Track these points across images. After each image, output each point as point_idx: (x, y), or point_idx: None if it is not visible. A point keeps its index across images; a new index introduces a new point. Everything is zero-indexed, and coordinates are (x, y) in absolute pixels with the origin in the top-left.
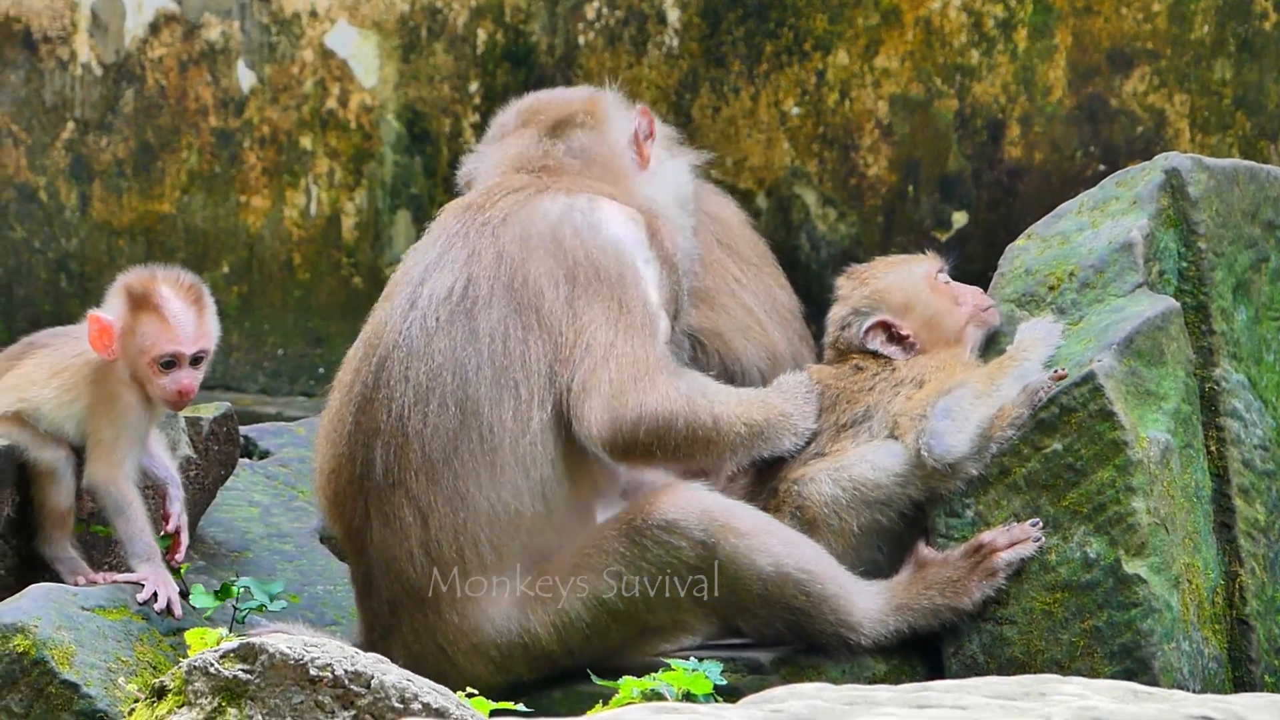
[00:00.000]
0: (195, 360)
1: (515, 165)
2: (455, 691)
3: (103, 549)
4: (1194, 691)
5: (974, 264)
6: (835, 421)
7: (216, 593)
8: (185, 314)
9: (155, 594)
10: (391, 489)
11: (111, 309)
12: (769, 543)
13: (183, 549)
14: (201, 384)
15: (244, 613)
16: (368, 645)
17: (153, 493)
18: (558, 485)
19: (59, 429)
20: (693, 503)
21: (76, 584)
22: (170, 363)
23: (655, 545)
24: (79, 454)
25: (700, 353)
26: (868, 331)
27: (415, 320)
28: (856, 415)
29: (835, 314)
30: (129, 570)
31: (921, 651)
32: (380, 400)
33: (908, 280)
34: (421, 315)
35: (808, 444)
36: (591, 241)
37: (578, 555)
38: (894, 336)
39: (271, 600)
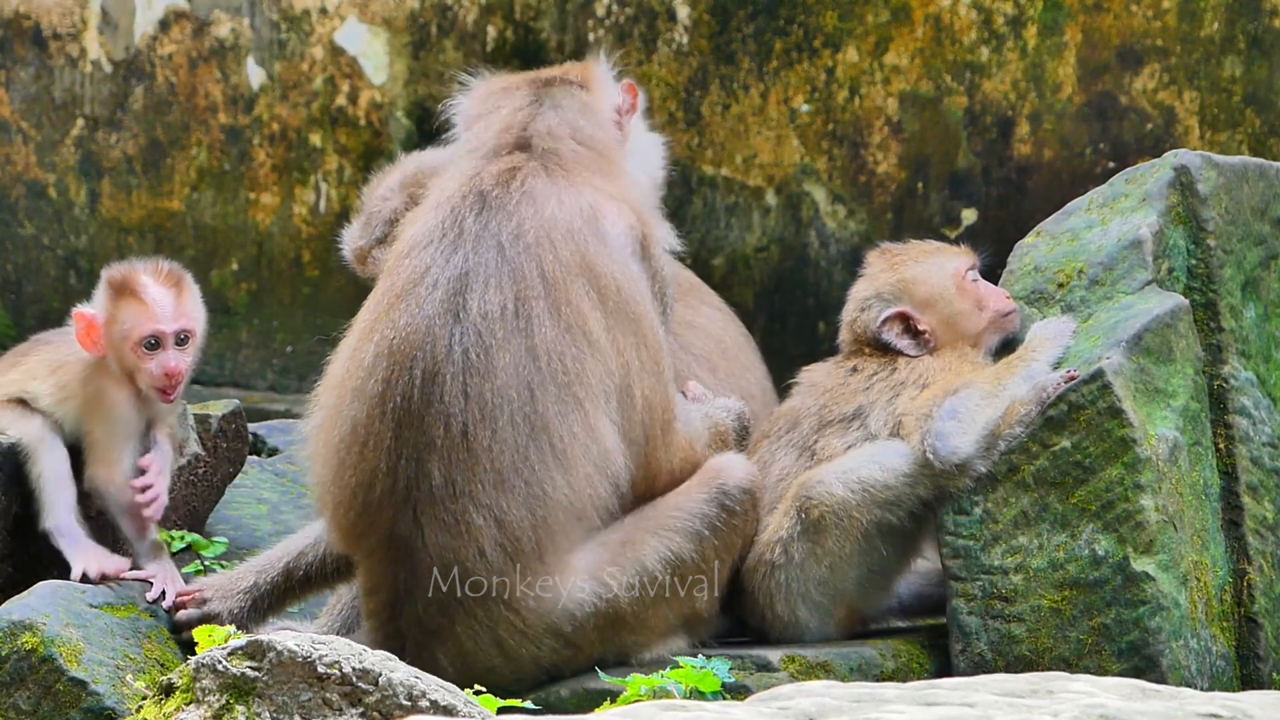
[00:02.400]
0: (181, 341)
1: (504, 129)
2: (464, 689)
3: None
4: (1202, 689)
5: (983, 261)
6: (820, 416)
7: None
8: (164, 295)
9: (164, 591)
10: (454, 499)
11: (95, 303)
12: None
13: (156, 504)
14: (210, 381)
15: None
16: (397, 650)
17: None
18: (629, 470)
19: (56, 425)
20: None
21: (82, 571)
22: (153, 344)
23: (741, 510)
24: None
25: None
26: (885, 321)
27: (468, 335)
28: (846, 413)
29: (858, 291)
30: (137, 568)
31: (930, 648)
32: (434, 415)
33: (936, 274)
34: (475, 331)
35: (788, 431)
36: (611, 260)
37: (660, 517)
38: (910, 329)
39: None
